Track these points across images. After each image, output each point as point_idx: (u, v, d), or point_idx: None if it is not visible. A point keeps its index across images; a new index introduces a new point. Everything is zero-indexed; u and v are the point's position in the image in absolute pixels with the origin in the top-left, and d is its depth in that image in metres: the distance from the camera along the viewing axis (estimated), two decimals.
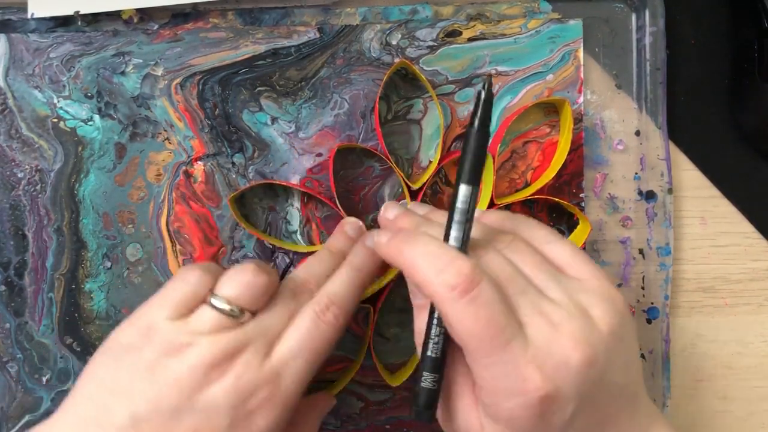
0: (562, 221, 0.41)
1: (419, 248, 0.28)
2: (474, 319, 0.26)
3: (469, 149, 0.28)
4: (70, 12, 0.37)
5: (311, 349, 0.31)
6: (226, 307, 0.30)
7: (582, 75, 0.40)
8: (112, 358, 0.30)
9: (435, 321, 0.28)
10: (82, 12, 0.38)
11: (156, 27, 0.38)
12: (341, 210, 0.38)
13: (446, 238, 0.29)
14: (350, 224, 0.37)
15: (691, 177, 0.42)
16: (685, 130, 0.42)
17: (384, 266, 0.38)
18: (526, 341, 0.27)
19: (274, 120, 0.39)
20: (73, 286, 0.38)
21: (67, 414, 0.30)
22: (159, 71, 0.38)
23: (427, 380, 0.28)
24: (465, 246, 0.29)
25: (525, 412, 0.27)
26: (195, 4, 0.38)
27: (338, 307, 0.32)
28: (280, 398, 0.30)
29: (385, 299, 0.40)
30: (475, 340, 0.26)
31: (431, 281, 0.27)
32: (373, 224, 0.40)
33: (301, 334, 0.31)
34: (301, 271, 0.34)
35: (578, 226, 0.40)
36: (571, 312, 0.28)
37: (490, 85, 0.28)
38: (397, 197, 0.40)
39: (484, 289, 0.26)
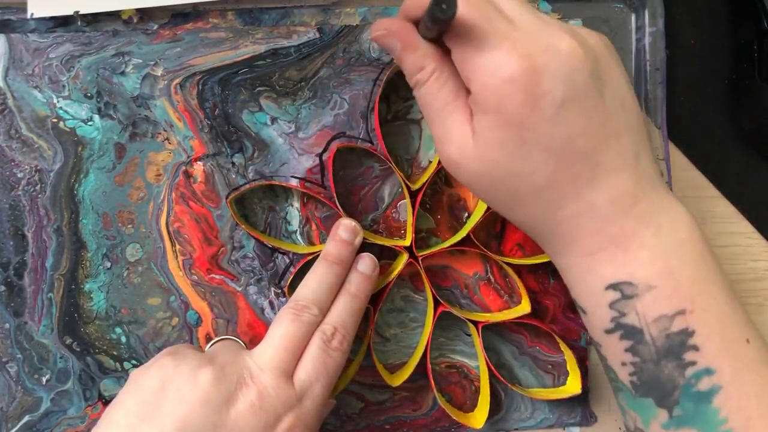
0: None
1: None
2: None
3: None
4: (69, 12, 0.37)
5: (325, 373, 0.33)
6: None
7: None
8: (137, 389, 0.32)
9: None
10: (81, 12, 0.38)
11: (156, 27, 0.38)
12: (341, 210, 0.38)
13: None
14: (344, 226, 0.37)
15: (691, 177, 0.42)
16: (684, 130, 0.42)
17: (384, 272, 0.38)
18: (513, 26, 0.28)
19: (273, 120, 0.39)
20: (73, 287, 0.38)
21: None
22: (159, 71, 0.38)
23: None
24: None
25: (510, 87, 0.27)
26: (195, 4, 0.38)
27: (341, 334, 0.35)
28: (305, 423, 0.32)
29: (384, 299, 0.40)
30: (461, 18, 0.27)
31: None
32: (372, 224, 0.40)
33: (314, 360, 0.33)
34: (302, 292, 0.36)
35: None
36: (561, 22, 0.29)
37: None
38: (397, 197, 0.40)
39: None
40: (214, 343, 0.37)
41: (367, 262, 0.37)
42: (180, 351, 0.33)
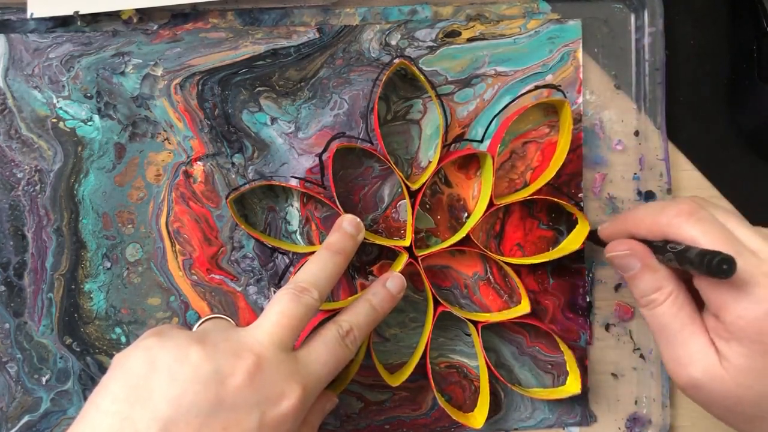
0: (561, 221, 0.41)
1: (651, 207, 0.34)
2: (701, 233, 0.30)
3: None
4: (69, 12, 0.37)
5: (334, 361, 0.33)
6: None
7: (581, 75, 0.40)
8: (123, 373, 0.30)
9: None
10: (81, 12, 0.38)
11: (155, 27, 0.38)
12: (341, 210, 0.38)
13: None
14: (348, 221, 0.37)
15: (690, 177, 0.42)
16: (684, 130, 0.42)
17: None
18: (759, 259, 0.30)
19: (273, 120, 0.39)
20: (73, 287, 0.39)
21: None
22: (158, 71, 0.38)
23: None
24: None
25: None
26: (194, 5, 0.38)
27: (354, 335, 0.35)
28: (308, 400, 0.32)
29: None
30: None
31: (667, 214, 0.32)
32: (372, 224, 0.40)
33: (327, 345, 0.33)
34: (303, 275, 0.35)
35: (577, 226, 0.40)
36: None
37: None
38: (397, 197, 0.40)
39: (705, 213, 0.31)
40: (203, 321, 0.36)
41: (396, 283, 0.37)
42: (166, 331, 0.32)
